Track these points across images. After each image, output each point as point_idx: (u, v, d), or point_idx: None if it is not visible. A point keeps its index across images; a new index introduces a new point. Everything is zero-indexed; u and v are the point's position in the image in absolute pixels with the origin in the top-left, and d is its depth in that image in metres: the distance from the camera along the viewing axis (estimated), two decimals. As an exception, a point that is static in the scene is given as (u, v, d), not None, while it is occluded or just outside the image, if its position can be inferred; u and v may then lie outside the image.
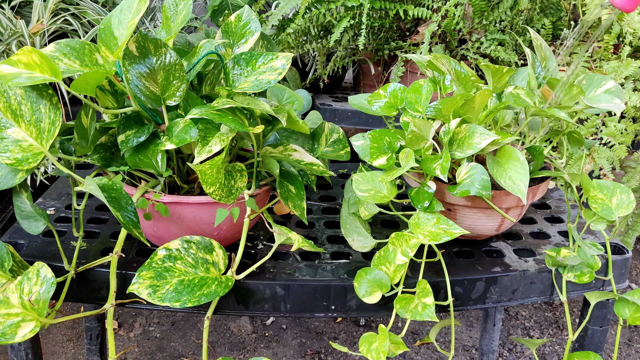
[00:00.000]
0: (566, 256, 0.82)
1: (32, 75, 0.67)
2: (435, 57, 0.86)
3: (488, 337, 1.44)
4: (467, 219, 0.86)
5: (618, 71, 1.35)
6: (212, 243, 0.74)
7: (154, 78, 0.74)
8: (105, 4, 1.82)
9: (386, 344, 0.72)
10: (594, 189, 0.86)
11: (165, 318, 1.80)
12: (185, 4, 0.82)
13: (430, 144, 0.81)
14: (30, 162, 0.69)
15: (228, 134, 0.72)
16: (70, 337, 1.69)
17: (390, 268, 0.77)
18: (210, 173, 0.71)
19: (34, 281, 0.65)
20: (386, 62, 1.69)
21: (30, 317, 0.64)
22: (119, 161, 0.79)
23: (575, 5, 1.56)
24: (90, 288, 0.80)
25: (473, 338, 1.76)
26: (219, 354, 1.66)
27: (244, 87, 0.76)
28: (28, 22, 1.64)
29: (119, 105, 0.79)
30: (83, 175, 0.78)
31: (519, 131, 0.90)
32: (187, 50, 0.83)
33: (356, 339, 1.73)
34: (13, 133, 0.69)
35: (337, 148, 0.90)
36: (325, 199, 1.09)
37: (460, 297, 0.84)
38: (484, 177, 0.76)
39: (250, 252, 0.86)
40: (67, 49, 0.73)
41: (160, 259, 0.71)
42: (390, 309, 0.79)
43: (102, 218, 0.96)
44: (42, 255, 0.83)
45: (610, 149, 1.36)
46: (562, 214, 1.04)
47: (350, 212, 0.86)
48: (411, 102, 0.85)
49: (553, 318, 1.87)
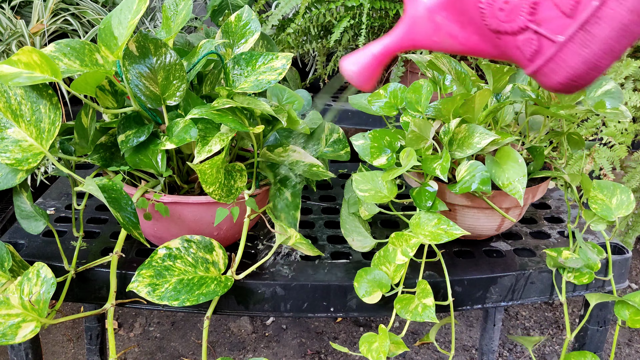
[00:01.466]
0: (568, 258, 0.82)
1: (32, 75, 0.67)
2: (435, 56, 0.86)
3: (488, 337, 1.44)
4: (467, 219, 0.86)
5: (618, 71, 1.35)
6: (212, 243, 0.74)
7: (154, 78, 0.74)
8: (105, 4, 1.82)
9: (386, 344, 0.72)
10: (594, 189, 0.86)
11: (165, 318, 1.80)
12: (185, 4, 0.82)
13: (430, 144, 0.81)
14: (30, 162, 0.69)
15: (228, 134, 0.72)
16: (70, 337, 1.69)
17: (390, 268, 0.77)
18: (210, 173, 0.71)
19: (34, 282, 0.65)
20: (386, 62, 1.69)
21: (31, 317, 0.64)
22: (119, 161, 0.79)
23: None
24: (91, 288, 0.80)
25: (473, 338, 1.76)
26: (219, 354, 1.66)
27: (244, 87, 0.76)
28: (28, 22, 1.64)
29: (119, 105, 0.79)
30: (83, 175, 0.78)
31: (519, 131, 0.90)
32: (187, 50, 0.83)
33: (356, 339, 1.73)
34: (13, 133, 0.69)
35: (337, 148, 0.90)
36: (325, 199, 1.09)
37: (460, 297, 0.84)
38: (484, 173, 0.76)
39: (250, 252, 0.86)
40: (67, 48, 0.73)
41: (160, 258, 0.71)
42: (390, 309, 0.79)
43: (102, 218, 0.96)
44: (42, 255, 0.83)
45: (611, 149, 1.36)
46: (562, 214, 1.04)
47: (350, 212, 0.86)
48: (411, 102, 0.85)
49: (553, 318, 1.87)
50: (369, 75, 0.58)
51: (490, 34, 0.52)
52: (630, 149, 1.37)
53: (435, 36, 0.55)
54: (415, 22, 0.55)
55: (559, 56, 0.49)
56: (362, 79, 0.58)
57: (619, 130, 1.34)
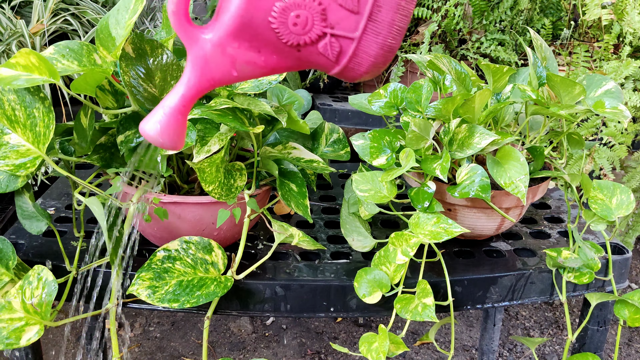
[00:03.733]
0: (567, 258, 0.82)
1: (31, 78, 0.67)
2: (435, 56, 0.86)
3: (488, 337, 1.44)
4: (467, 219, 0.86)
5: (618, 71, 1.34)
6: (211, 243, 0.74)
7: (151, 79, 0.74)
8: (105, 4, 1.82)
9: (386, 344, 0.72)
10: (594, 189, 0.86)
11: (165, 318, 1.80)
12: (185, 4, 0.82)
13: (430, 144, 0.81)
14: (28, 167, 0.69)
15: (227, 134, 0.72)
16: (70, 337, 1.69)
17: (390, 268, 0.77)
18: (209, 171, 0.71)
19: (35, 285, 0.65)
20: (386, 62, 1.69)
21: (34, 320, 0.64)
22: (118, 161, 0.79)
23: (575, 5, 1.56)
24: (92, 288, 0.79)
25: (473, 338, 1.76)
26: (219, 354, 1.66)
27: (245, 87, 0.76)
28: (28, 22, 1.64)
29: (119, 105, 0.79)
30: (83, 175, 0.78)
31: (519, 131, 0.90)
32: (186, 51, 0.83)
33: (356, 339, 1.73)
34: (10, 139, 0.69)
35: (337, 148, 0.90)
36: (325, 199, 1.09)
37: (460, 297, 0.84)
38: (484, 178, 0.76)
39: (250, 252, 0.86)
40: (65, 50, 0.73)
41: (159, 260, 0.71)
42: (390, 309, 0.79)
43: (102, 218, 0.95)
44: (42, 255, 0.82)
45: (611, 149, 1.36)
46: (562, 214, 1.04)
47: (350, 212, 0.86)
48: (411, 102, 0.85)
49: (553, 318, 1.87)
50: (177, 132, 0.53)
51: (290, 49, 0.52)
52: (630, 149, 1.37)
53: (234, 68, 0.53)
54: (207, 61, 0.52)
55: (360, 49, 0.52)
56: (171, 139, 0.52)
57: (619, 130, 1.34)
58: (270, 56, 0.53)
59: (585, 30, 1.54)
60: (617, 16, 1.43)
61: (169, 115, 0.52)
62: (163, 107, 0.52)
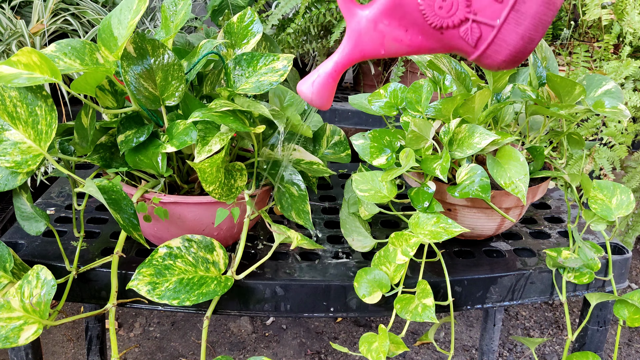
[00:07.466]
0: (567, 258, 0.82)
1: (32, 76, 0.67)
2: (435, 56, 0.86)
3: (488, 337, 1.44)
4: (467, 219, 0.86)
5: (618, 71, 1.35)
6: (212, 242, 0.74)
7: (152, 79, 0.74)
8: (105, 4, 1.82)
9: (386, 344, 0.72)
10: (594, 189, 0.86)
11: (165, 318, 1.80)
12: (184, 3, 0.82)
13: (430, 144, 0.81)
14: (29, 164, 0.69)
15: (228, 134, 0.72)
16: (70, 337, 1.70)
17: (390, 268, 0.77)
18: (209, 171, 0.71)
19: (34, 284, 0.65)
20: (386, 62, 1.69)
21: (33, 319, 0.64)
22: (119, 161, 0.79)
23: (575, 5, 1.56)
24: (91, 288, 0.80)
25: (473, 338, 1.76)
26: (218, 354, 1.66)
27: (245, 88, 0.76)
28: (28, 22, 1.64)
29: (119, 105, 0.79)
30: (83, 175, 0.78)
31: (519, 131, 0.90)
32: (187, 50, 0.83)
33: (356, 339, 1.73)
34: (11, 135, 0.69)
35: (337, 150, 0.90)
36: (325, 199, 1.09)
37: (460, 297, 0.84)
38: (484, 179, 0.76)
39: (250, 252, 0.86)
40: (68, 48, 0.73)
41: (160, 257, 0.71)
42: (390, 309, 0.79)
43: (102, 218, 0.96)
44: (42, 255, 0.83)
45: (611, 149, 1.36)
46: (562, 214, 1.04)
47: (350, 212, 0.86)
48: (411, 102, 0.85)
49: (553, 318, 1.87)
50: (327, 94, 0.60)
51: (434, 31, 0.57)
52: (630, 149, 1.37)
53: (382, 44, 0.58)
54: (361, 35, 0.58)
55: (499, 37, 0.55)
56: (322, 99, 0.60)
57: (619, 130, 1.34)
58: (416, 36, 0.57)
59: (585, 30, 1.54)
60: (617, 16, 1.43)
61: (322, 77, 0.59)
62: (318, 71, 0.60)
